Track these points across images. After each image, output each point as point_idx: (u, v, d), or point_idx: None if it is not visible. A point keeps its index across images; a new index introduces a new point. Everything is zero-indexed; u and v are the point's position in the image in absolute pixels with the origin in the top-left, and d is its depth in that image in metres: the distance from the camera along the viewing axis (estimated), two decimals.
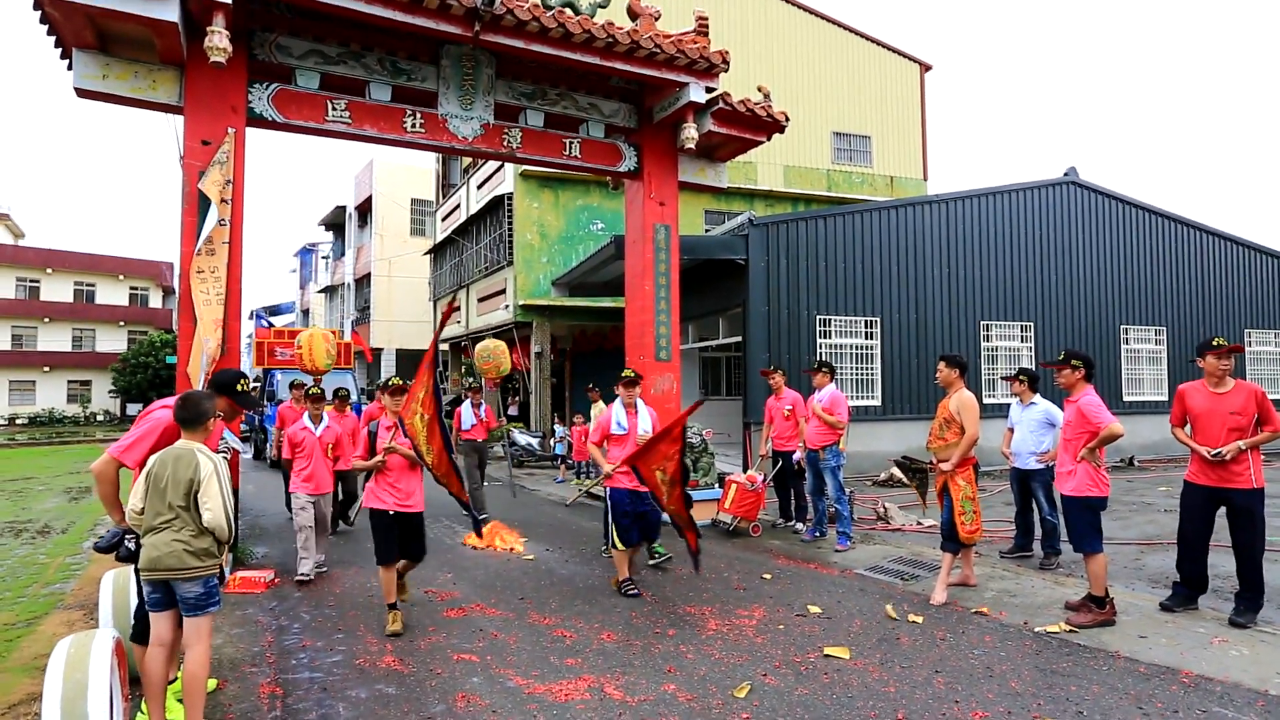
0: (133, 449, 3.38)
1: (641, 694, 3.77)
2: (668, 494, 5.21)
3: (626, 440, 5.77)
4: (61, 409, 38.54)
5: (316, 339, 9.80)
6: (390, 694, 3.81)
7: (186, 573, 3.12)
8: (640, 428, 5.84)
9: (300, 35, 6.91)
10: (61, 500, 11.37)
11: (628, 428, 5.84)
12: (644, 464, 5.18)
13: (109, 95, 6.21)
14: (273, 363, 15.61)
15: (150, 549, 3.11)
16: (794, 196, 19.81)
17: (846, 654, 4.28)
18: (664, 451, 5.14)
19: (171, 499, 3.11)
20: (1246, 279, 16.01)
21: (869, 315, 12.40)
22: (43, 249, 40.67)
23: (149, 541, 3.12)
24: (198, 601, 3.18)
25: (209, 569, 3.19)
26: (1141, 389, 14.79)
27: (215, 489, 3.17)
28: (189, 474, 3.13)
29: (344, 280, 35.28)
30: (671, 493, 5.21)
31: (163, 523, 3.12)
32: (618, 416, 5.88)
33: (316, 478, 6.34)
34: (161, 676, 3.22)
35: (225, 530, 3.22)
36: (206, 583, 3.19)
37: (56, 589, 6.07)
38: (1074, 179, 14.39)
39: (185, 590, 3.16)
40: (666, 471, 5.18)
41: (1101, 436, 4.71)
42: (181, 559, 3.11)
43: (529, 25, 6.94)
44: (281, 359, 15.45)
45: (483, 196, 19.91)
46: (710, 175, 9.27)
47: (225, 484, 3.24)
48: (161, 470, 3.15)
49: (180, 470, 3.14)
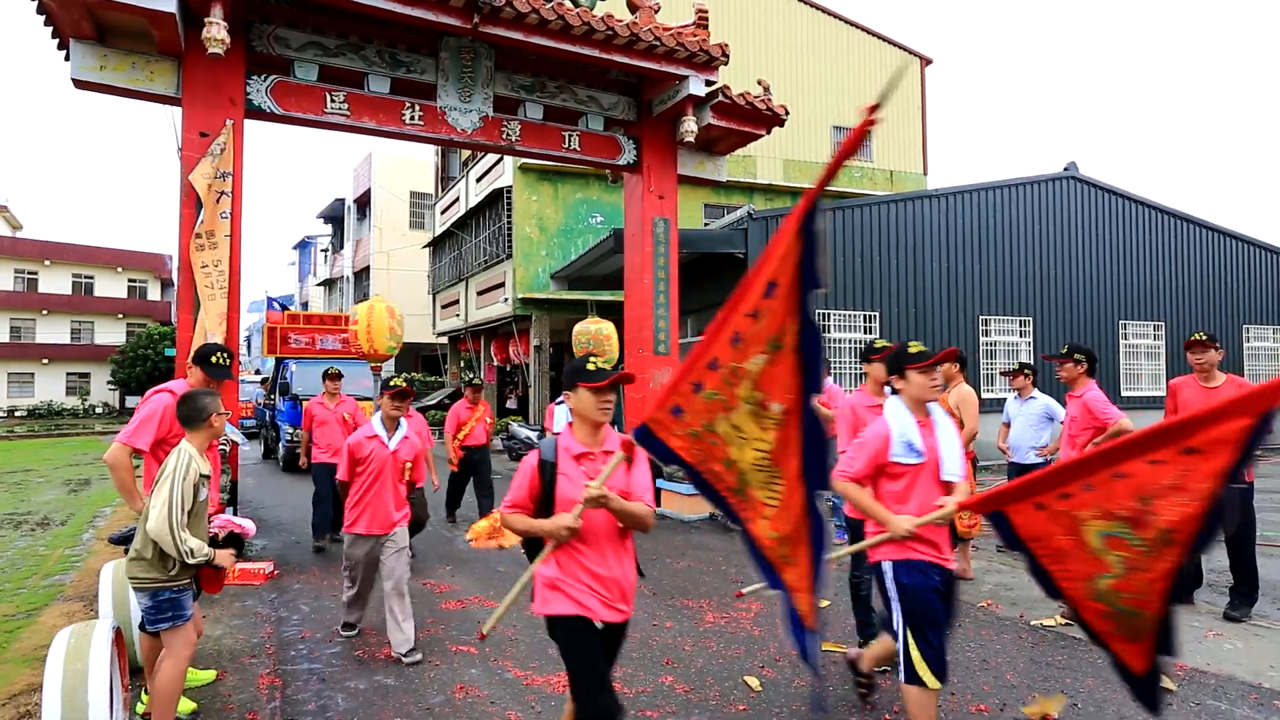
0: (140, 432, 3.43)
1: (639, 685, 3.79)
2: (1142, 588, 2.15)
3: None
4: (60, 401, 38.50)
5: (378, 316, 7.35)
6: (389, 685, 3.83)
7: (133, 582, 2.97)
8: None
9: (299, 27, 6.89)
10: (61, 492, 11.38)
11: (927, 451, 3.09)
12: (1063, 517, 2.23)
13: (107, 86, 6.19)
14: (286, 351, 13.77)
15: None
16: (794, 190, 19.78)
17: (844, 648, 4.30)
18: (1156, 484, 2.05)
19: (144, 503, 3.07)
20: (1245, 274, 16.00)
21: (868, 309, 12.40)
22: (41, 241, 40.52)
23: None
24: (146, 615, 2.99)
25: (151, 582, 2.93)
26: (1140, 384, 14.81)
27: (163, 494, 2.86)
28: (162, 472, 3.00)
29: (343, 273, 35.22)
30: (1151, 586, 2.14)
31: None
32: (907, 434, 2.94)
33: (378, 510, 4.29)
34: None
35: (167, 541, 2.82)
36: (154, 596, 2.93)
37: (56, 580, 6.09)
38: (1074, 174, 14.37)
39: (138, 599, 2.99)
40: (1144, 535, 2.09)
41: (1110, 432, 4.70)
42: (130, 566, 2.98)
43: (528, 17, 6.92)
44: (296, 346, 13.78)
45: (482, 190, 19.87)
46: (709, 169, 9.25)
47: (178, 489, 2.88)
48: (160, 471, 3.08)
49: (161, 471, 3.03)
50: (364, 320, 7.18)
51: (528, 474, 2.54)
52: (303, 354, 13.65)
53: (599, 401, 2.48)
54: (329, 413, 7.09)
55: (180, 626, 3.00)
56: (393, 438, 4.39)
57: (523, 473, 2.56)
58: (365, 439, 4.36)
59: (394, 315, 7.34)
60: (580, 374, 2.48)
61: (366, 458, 4.31)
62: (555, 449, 2.55)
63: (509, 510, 2.56)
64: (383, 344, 7.28)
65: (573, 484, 2.46)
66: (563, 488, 2.47)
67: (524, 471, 2.56)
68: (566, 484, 2.47)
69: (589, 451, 2.53)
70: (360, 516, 4.30)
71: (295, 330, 13.91)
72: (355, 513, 4.31)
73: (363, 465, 4.30)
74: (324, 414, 7.10)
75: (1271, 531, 7.24)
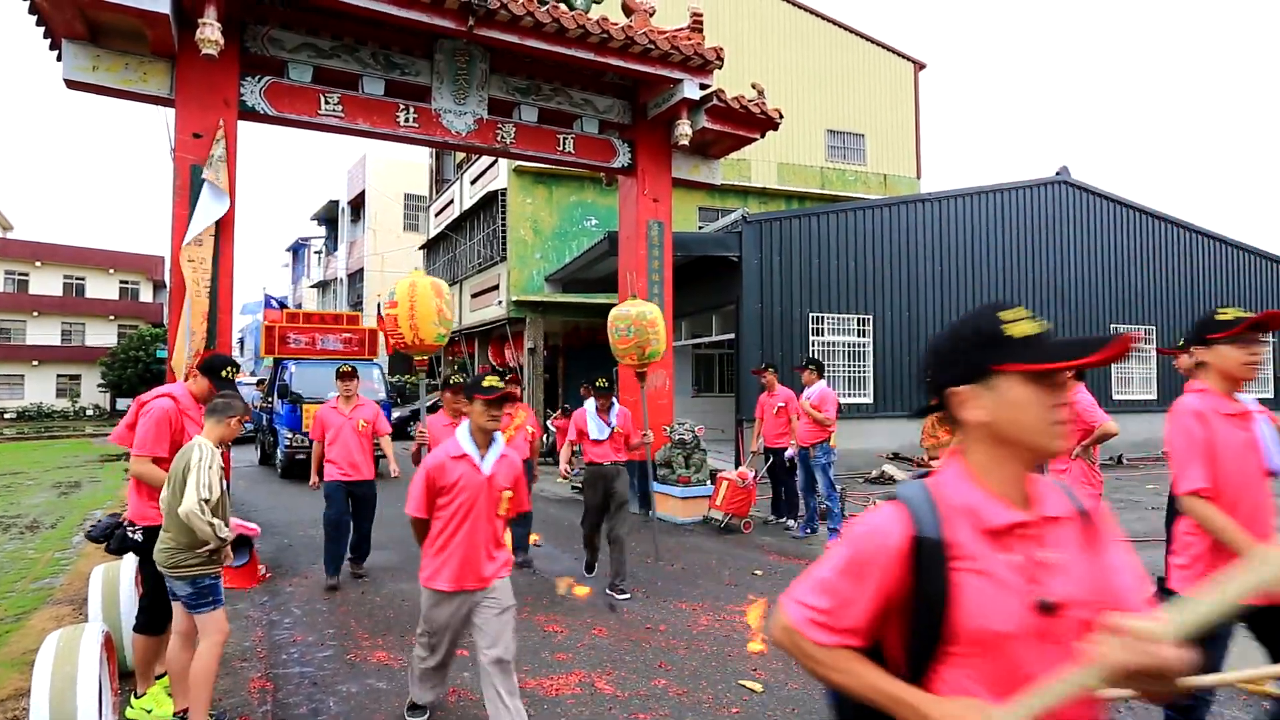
0: (156, 441, 3.48)
1: (632, 689, 3.79)
2: None
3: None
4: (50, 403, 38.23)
5: (423, 295, 5.29)
6: (381, 688, 3.81)
7: (173, 571, 3.12)
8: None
9: (293, 28, 6.88)
10: (50, 495, 11.30)
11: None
12: None
13: (99, 87, 6.16)
14: (285, 351, 13.00)
15: (157, 543, 3.19)
16: (788, 194, 19.83)
17: None
18: None
19: (165, 494, 3.17)
20: (1234, 279, 16.14)
21: (862, 313, 12.44)
22: (31, 242, 40.23)
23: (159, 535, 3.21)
24: (189, 600, 3.15)
25: (193, 569, 3.10)
26: (1130, 387, 14.90)
27: (193, 478, 3.01)
28: (181, 464, 3.13)
29: (336, 275, 35.13)
30: None
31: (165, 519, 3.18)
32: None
33: (469, 557, 3.16)
34: (183, 664, 3.27)
35: (199, 523, 2.96)
36: (195, 583, 3.11)
37: (45, 584, 6.04)
38: (1066, 178, 14.46)
39: (175, 588, 3.16)
40: None
41: (1095, 435, 4.74)
42: (168, 555, 3.11)
43: (523, 20, 6.92)
44: (296, 346, 12.99)
45: (476, 192, 19.86)
46: (704, 172, 9.27)
47: (205, 475, 3.02)
48: (176, 465, 3.19)
49: (178, 464, 3.16)
50: (404, 301, 5.25)
51: (872, 563, 1.17)
52: (302, 354, 12.96)
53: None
54: (343, 419, 5.85)
55: (217, 610, 3.19)
56: (486, 458, 3.20)
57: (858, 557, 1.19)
58: (450, 460, 3.16)
59: (442, 294, 5.43)
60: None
61: (453, 486, 3.13)
62: (936, 512, 1.17)
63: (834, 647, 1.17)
64: (430, 331, 5.29)
65: (1004, 593, 1.12)
66: (977, 601, 1.12)
67: (860, 555, 1.19)
68: (989, 592, 1.13)
69: (1026, 521, 1.16)
70: (443, 568, 3.15)
71: (295, 330, 13.17)
72: (437, 562, 3.17)
73: (448, 497, 3.13)
74: (337, 421, 5.84)
75: None
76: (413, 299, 5.27)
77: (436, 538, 3.17)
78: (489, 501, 3.17)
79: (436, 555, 3.17)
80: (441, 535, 3.16)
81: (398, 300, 5.30)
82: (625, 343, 6.35)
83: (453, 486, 3.13)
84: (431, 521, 3.20)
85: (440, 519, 3.17)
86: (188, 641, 3.29)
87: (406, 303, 5.26)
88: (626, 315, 6.28)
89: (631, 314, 6.25)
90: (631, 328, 6.23)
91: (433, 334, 5.30)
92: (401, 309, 5.26)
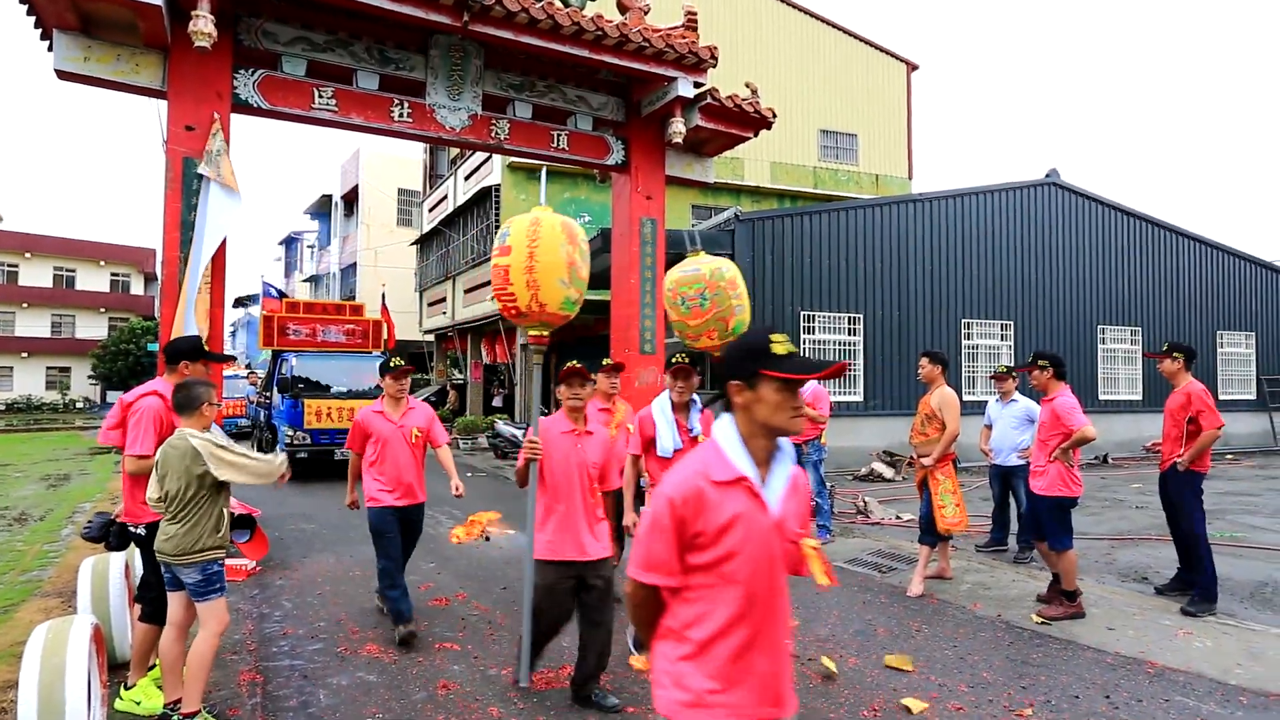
0: (144, 441, 3.49)
1: (629, 691, 3.82)
2: None
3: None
4: (40, 395, 37.99)
5: (549, 239, 3.75)
6: (372, 681, 3.83)
7: (183, 559, 3.17)
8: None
9: (287, 21, 6.86)
10: (39, 487, 11.24)
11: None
12: None
13: (91, 78, 6.13)
14: (284, 343, 12.10)
15: (158, 535, 3.24)
16: (780, 193, 19.89)
17: (829, 662, 4.35)
18: None
19: (169, 488, 3.18)
20: (1219, 281, 16.29)
21: (852, 311, 12.51)
22: (21, 233, 39.90)
23: (160, 527, 3.25)
24: (197, 588, 3.21)
25: (204, 556, 3.20)
26: (1117, 388, 15.03)
27: (229, 458, 3.20)
28: (187, 462, 3.16)
29: (329, 270, 35.00)
30: None
31: (166, 511, 3.22)
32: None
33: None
34: (176, 655, 3.30)
35: (273, 469, 3.34)
36: (204, 569, 3.20)
37: (34, 576, 6.03)
38: (1055, 180, 14.56)
39: (184, 576, 3.21)
40: None
41: (1074, 439, 4.81)
42: (176, 545, 3.16)
43: (518, 16, 6.93)
44: (296, 338, 12.11)
45: (470, 188, 19.83)
46: (697, 170, 9.29)
47: (232, 446, 3.27)
48: (164, 460, 3.21)
49: (176, 462, 3.18)
50: (520, 247, 3.70)
51: None
52: (303, 346, 12.14)
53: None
54: (392, 427, 4.56)
55: (221, 599, 3.27)
56: (768, 486, 2.28)
57: None
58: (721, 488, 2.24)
59: (576, 240, 3.88)
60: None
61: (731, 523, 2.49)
62: None
63: None
64: (555, 293, 3.74)
65: None
66: None
67: None
68: None
69: None
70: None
71: (295, 320, 12.28)
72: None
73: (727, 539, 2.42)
74: (385, 429, 4.54)
75: (1240, 532, 7.39)
76: (533, 244, 3.67)
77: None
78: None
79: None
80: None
81: (511, 245, 3.71)
82: (699, 316, 4.49)
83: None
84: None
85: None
86: (182, 633, 3.33)
87: (523, 248, 3.67)
88: (697, 276, 4.37)
89: (704, 273, 4.35)
90: (706, 293, 4.36)
91: (558, 297, 3.74)
92: (516, 258, 3.67)
